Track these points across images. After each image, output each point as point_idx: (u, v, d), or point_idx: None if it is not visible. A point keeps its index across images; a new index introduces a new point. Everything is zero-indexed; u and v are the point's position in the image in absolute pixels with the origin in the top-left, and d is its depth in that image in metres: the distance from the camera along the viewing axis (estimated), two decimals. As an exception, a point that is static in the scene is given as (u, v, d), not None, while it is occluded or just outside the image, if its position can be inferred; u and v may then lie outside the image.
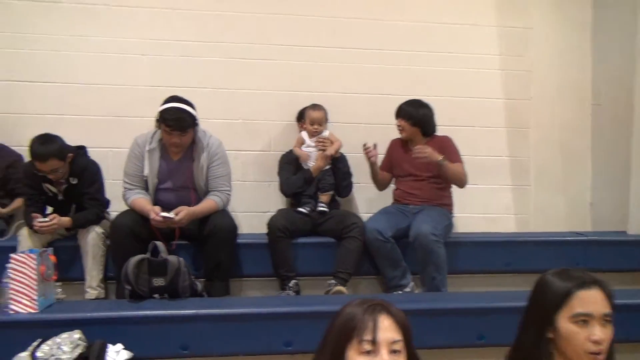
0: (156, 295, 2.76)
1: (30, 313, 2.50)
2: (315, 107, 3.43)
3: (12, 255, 2.54)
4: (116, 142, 3.46)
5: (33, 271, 2.53)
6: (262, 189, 3.71)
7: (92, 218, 3.05)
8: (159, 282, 2.74)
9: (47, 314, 2.52)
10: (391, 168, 3.53)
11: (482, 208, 3.89)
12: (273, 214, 3.30)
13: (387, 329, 1.18)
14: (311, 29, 3.76)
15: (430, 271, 3.06)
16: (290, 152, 3.50)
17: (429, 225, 3.08)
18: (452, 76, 3.88)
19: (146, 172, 3.05)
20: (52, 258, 2.66)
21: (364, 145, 3.33)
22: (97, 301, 2.94)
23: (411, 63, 3.83)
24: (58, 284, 2.77)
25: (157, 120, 2.98)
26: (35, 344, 2.26)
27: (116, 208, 3.24)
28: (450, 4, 3.91)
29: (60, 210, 3.06)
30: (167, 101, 2.98)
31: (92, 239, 3.01)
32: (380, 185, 3.54)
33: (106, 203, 3.25)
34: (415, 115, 3.34)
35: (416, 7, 3.87)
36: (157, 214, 2.86)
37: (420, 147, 3.19)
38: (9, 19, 3.51)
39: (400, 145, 3.48)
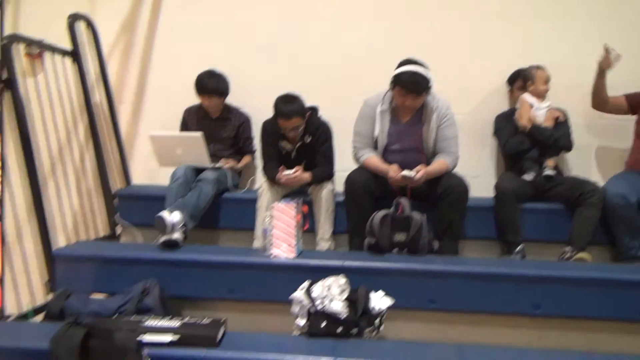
0: (395, 250, 2.86)
1: (290, 258, 2.71)
2: (540, 67, 3.32)
3: (274, 204, 2.75)
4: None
5: (292, 219, 2.72)
6: (474, 152, 3.67)
7: (326, 175, 3.22)
8: (400, 237, 2.83)
9: (304, 260, 2.71)
10: (635, 107, 3.30)
11: None
12: (484, 177, 3.28)
13: None
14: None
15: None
16: (507, 112, 3.44)
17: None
18: None
19: (377, 132, 3.13)
20: (305, 209, 2.85)
21: (606, 46, 3.05)
22: (347, 252, 3.05)
23: None
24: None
25: (392, 83, 3.03)
26: (305, 284, 2.44)
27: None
28: None
29: (291, 168, 3.25)
30: (403, 64, 3.02)
31: (326, 194, 3.18)
32: (599, 102, 3.29)
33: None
34: None
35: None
36: (395, 172, 2.94)
37: None
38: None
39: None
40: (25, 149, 2.79)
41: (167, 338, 2.08)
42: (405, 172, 2.91)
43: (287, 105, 3.10)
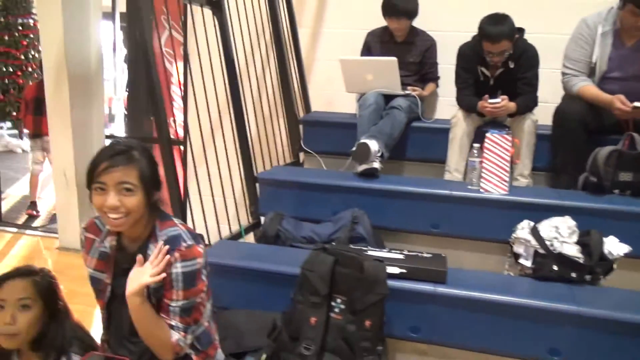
0: (616, 191, 2.58)
1: (501, 193, 2.53)
2: None
3: (488, 134, 2.55)
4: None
5: (507, 153, 2.52)
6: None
7: (531, 105, 2.94)
8: (626, 176, 2.54)
9: (516, 196, 2.52)
10: None
11: None
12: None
13: None
14: None
15: None
16: None
17: None
18: None
19: (595, 58, 2.78)
20: (517, 141, 2.63)
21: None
22: (564, 190, 2.73)
23: None
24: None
25: (623, 0, 2.64)
26: (525, 224, 2.26)
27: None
28: None
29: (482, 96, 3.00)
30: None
31: (528, 127, 2.92)
32: None
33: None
34: None
35: None
36: (623, 102, 2.60)
37: None
38: None
39: None
40: (230, 72, 2.79)
41: (396, 270, 2.02)
42: (637, 103, 2.57)
43: (497, 26, 2.81)
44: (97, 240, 1.61)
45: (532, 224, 2.26)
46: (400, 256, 2.12)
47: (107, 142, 4.09)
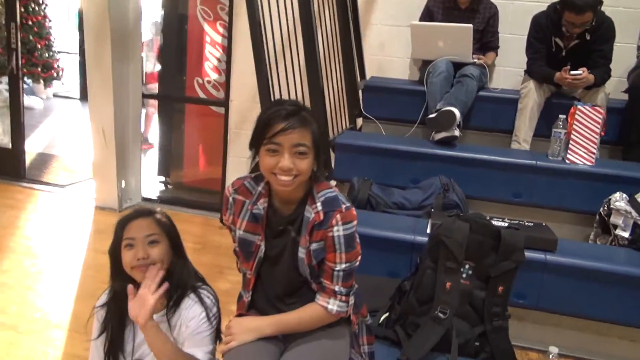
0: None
1: (588, 165, 2.55)
2: None
3: (579, 106, 2.55)
4: None
5: (597, 125, 2.53)
6: None
7: (606, 78, 2.94)
8: None
9: (604, 168, 2.54)
10: None
11: None
12: None
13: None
14: None
15: None
16: None
17: None
18: None
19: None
20: (602, 114, 2.63)
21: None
22: None
23: None
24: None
25: None
26: (618, 195, 2.29)
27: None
28: None
29: (557, 68, 2.98)
30: None
31: (601, 100, 2.91)
32: None
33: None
34: None
35: None
36: None
37: None
38: None
39: None
40: (307, 33, 2.70)
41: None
42: None
43: (584, -3, 2.77)
44: (247, 202, 1.56)
45: (625, 196, 2.28)
46: (504, 224, 2.13)
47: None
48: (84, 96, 8.51)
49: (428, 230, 2.16)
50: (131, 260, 1.51)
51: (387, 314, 1.88)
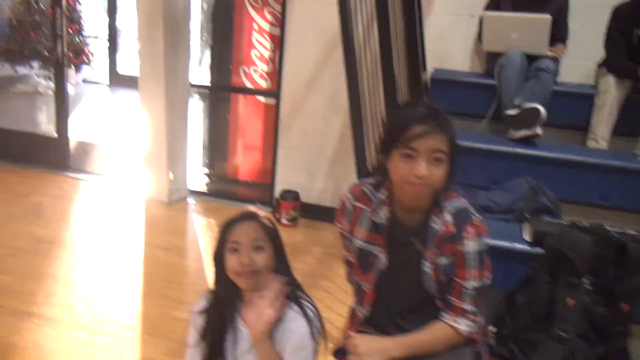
0: None
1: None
2: None
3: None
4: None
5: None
6: None
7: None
8: None
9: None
10: None
11: None
12: None
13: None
14: None
15: None
16: None
17: None
18: None
19: None
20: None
21: None
22: None
23: None
24: None
25: None
26: None
27: None
28: None
29: (636, 60, 2.85)
30: None
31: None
32: None
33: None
34: None
35: None
36: None
37: None
38: None
39: None
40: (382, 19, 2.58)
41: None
42: None
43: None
44: (366, 210, 1.47)
45: None
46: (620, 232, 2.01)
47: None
48: (113, 82, 8.44)
49: (526, 237, 2.06)
50: (236, 266, 1.43)
51: (495, 329, 1.79)
